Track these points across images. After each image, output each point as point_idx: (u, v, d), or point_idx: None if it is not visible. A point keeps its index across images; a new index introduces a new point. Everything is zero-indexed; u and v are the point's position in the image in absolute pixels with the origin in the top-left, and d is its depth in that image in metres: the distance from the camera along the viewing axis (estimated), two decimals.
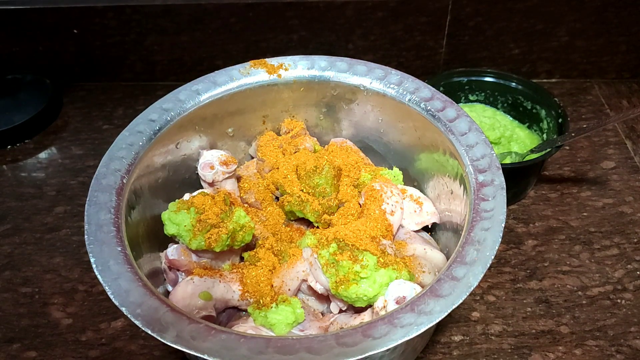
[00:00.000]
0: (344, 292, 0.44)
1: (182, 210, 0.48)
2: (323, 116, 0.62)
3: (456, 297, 0.37)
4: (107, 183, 0.46)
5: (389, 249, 0.48)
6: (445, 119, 0.52)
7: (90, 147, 0.80)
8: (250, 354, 0.35)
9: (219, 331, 0.36)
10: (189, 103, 0.55)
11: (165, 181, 0.54)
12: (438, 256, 0.51)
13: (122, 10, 0.82)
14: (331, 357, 0.34)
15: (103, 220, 0.43)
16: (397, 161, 0.60)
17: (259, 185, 0.58)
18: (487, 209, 0.43)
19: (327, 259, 0.46)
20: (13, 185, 0.75)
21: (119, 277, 0.39)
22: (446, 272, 0.39)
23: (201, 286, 0.46)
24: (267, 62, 0.59)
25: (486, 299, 0.58)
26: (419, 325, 0.36)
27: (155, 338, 0.36)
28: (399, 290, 0.42)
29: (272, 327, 0.45)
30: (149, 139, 0.51)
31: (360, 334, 0.36)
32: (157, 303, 0.38)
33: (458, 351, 0.54)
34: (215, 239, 0.47)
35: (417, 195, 0.55)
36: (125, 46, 0.87)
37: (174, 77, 0.91)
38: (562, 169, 0.72)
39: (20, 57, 0.89)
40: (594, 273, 0.60)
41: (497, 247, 0.40)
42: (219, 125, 0.58)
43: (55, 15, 0.84)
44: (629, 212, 0.66)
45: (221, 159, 0.55)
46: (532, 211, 0.67)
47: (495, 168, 0.47)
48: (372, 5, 0.81)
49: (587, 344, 0.54)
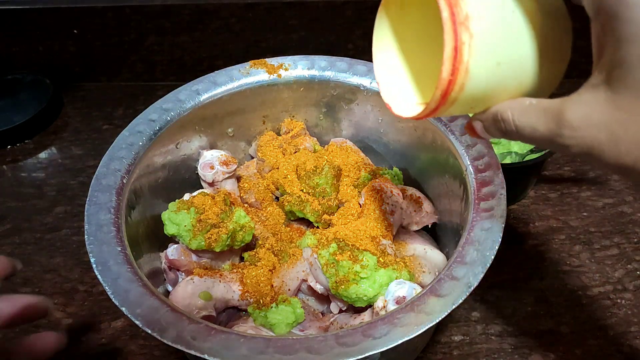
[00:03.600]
0: (344, 292, 0.44)
1: (182, 210, 0.48)
2: (323, 116, 0.62)
3: (456, 296, 0.37)
4: (107, 183, 0.46)
5: (389, 249, 0.48)
6: (445, 118, 0.52)
7: (90, 147, 0.80)
8: (251, 354, 0.35)
9: (219, 331, 0.36)
10: (189, 103, 0.55)
11: (165, 181, 0.54)
12: (438, 256, 0.51)
13: (122, 10, 0.82)
14: (331, 357, 0.34)
15: (103, 220, 0.43)
16: (397, 161, 0.60)
17: (259, 185, 0.58)
18: (487, 209, 0.43)
19: (327, 259, 0.46)
20: (13, 185, 0.75)
21: (119, 277, 0.39)
22: (446, 272, 0.39)
23: (201, 286, 0.46)
24: (267, 62, 0.59)
25: (486, 299, 0.58)
26: (419, 325, 0.36)
27: (155, 338, 0.36)
28: (399, 290, 0.42)
29: (272, 327, 0.45)
30: (149, 139, 0.51)
31: (360, 333, 0.36)
32: (157, 303, 0.38)
33: (458, 351, 0.54)
34: (216, 239, 0.47)
35: (417, 195, 0.55)
36: (125, 46, 0.87)
37: (174, 77, 0.91)
38: (562, 169, 0.72)
39: (20, 57, 0.89)
40: (594, 273, 0.60)
41: (497, 247, 0.40)
42: (219, 125, 0.59)
43: (55, 15, 0.84)
44: (629, 212, 0.66)
45: (221, 159, 0.55)
46: (532, 211, 0.67)
47: (495, 167, 0.47)
48: (372, 5, 0.81)
49: (587, 343, 0.54)
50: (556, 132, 0.27)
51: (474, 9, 0.27)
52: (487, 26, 0.28)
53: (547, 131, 0.28)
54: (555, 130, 0.27)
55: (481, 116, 0.32)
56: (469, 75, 0.28)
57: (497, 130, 0.31)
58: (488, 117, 0.31)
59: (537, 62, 0.30)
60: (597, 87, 0.26)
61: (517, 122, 0.29)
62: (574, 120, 0.26)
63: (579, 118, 0.26)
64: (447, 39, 0.27)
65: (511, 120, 0.29)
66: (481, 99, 0.30)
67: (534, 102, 0.29)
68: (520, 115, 0.29)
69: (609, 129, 0.25)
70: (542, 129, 0.28)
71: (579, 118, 0.26)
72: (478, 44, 0.27)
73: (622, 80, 0.24)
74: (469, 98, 0.29)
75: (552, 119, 0.27)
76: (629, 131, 0.24)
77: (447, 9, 0.27)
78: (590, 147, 0.26)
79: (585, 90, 0.27)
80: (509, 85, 0.30)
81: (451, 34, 0.27)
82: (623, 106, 0.24)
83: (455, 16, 0.27)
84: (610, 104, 0.25)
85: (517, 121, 0.29)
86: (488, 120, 0.31)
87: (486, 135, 0.32)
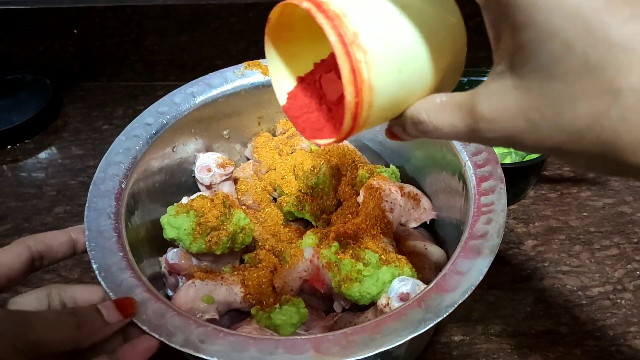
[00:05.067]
0: (347, 290, 0.44)
1: (181, 213, 0.48)
2: None
3: (462, 291, 0.38)
4: (106, 188, 0.46)
5: (390, 246, 0.49)
6: None
7: (90, 147, 0.80)
8: (261, 355, 0.35)
9: (227, 333, 0.36)
10: (185, 106, 0.55)
11: (162, 185, 0.54)
12: (438, 252, 0.51)
13: (122, 10, 0.82)
14: (341, 355, 0.34)
15: (103, 226, 0.43)
16: (393, 159, 0.60)
17: (256, 186, 0.58)
18: (487, 203, 0.44)
19: (329, 258, 0.46)
20: (13, 185, 0.75)
21: (122, 282, 0.39)
22: (450, 267, 0.40)
23: (203, 289, 0.46)
24: (261, 63, 0.59)
25: (486, 298, 0.58)
26: (427, 321, 0.36)
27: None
28: (402, 287, 0.43)
29: (277, 328, 0.45)
30: (146, 142, 0.51)
31: (369, 331, 0.36)
32: (163, 307, 0.38)
33: (458, 351, 0.54)
34: (216, 241, 0.47)
35: (414, 192, 0.55)
36: (125, 46, 0.87)
37: (174, 77, 0.91)
38: (562, 169, 0.72)
39: (20, 57, 0.89)
40: (594, 273, 0.60)
41: (500, 239, 0.40)
42: (214, 127, 0.58)
43: (55, 15, 0.84)
44: (629, 212, 0.66)
45: (218, 162, 0.55)
46: (532, 211, 0.67)
47: (494, 162, 0.47)
48: None
49: (587, 343, 0.54)
50: (474, 126, 0.26)
51: (360, 24, 0.26)
52: (378, 37, 0.27)
53: (466, 127, 0.27)
54: (473, 125, 0.26)
55: (398, 121, 0.31)
56: (373, 91, 0.27)
57: (417, 132, 0.30)
58: (405, 121, 0.30)
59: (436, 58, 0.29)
60: (502, 75, 0.25)
61: (434, 122, 0.28)
62: (488, 113, 0.25)
63: (493, 110, 0.25)
64: (341, 63, 0.26)
65: (428, 121, 0.28)
66: (392, 108, 0.29)
67: (445, 98, 0.28)
68: (436, 114, 0.28)
69: (525, 116, 0.24)
70: (460, 126, 0.27)
71: (492, 110, 0.25)
72: (374, 58, 0.26)
73: (526, 65, 0.24)
74: (380, 111, 0.28)
75: (467, 114, 0.26)
76: (545, 115, 0.24)
77: (333, 33, 0.26)
78: (511, 136, 0.25)
79: (491, 80, 0.26)
80: (416, 87, 0.29)
81: (344, 56, 0.26)
82: (533, 91, 0.24)
83: (343, 37, 0.26)
84: (520, 90, 0.24)
85: (434, 121, 0.28)
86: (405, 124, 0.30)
87: (408, 137, 0.31)
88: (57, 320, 0.34)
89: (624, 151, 0.22)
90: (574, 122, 0.23)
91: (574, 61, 0.22)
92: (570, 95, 0.22)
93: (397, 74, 0.28)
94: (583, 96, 0.22)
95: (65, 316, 0.35)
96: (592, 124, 0.22)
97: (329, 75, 0.33)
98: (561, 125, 0.23)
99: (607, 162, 0.23)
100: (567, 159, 0.26)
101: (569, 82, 0.22)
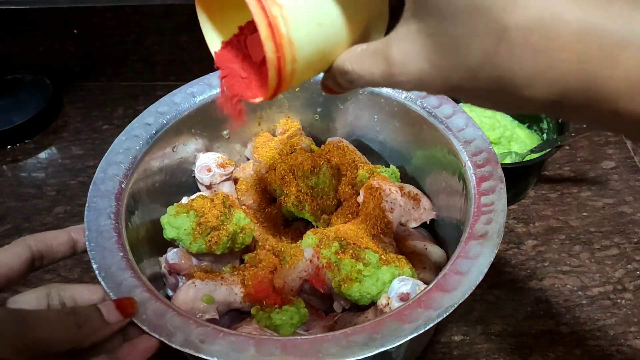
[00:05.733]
0: (347, 290, 0.44)
1: (181, 213, 0.48)
2: (318, 116, 0.62)
3: (462, 291, 0.37)
4: (106, 188, 0.46)
5: (390, 246, 0.49)
6: (442, 115, 0.52)
7: (90, 147, 0.80)
8: (260, 355, 0.35)
9: (228, 333, 0.36)
10: (185, 106, 0.55)
11: (162, 185, 0.54)
12: (438, 252, 0.51)
13: (122, 10, 0.82)
14: (341, 355, 0.34)
15: (103, 226, 0.43)
16: (393, 159, 0.60)
17: (256, 186, 0.57)
18: (487, 203, 0.44)
19: (329, 258, 0.46)
20: (13, 185, 0.75)
21: (122, 282, 0.39)
22: (451, 267, 0.40)
23: (203, 289, 0.46)
24: None
25: (486, 298, 0.58)
26: (427, 321, 0.36)
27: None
28: (402, 287, 0.43)
29: (277, 328, 0.45)
30: (146, 142, 0.51)
31: (369, 331, 0.36)
32: (163, 307, 0.38)
33: (458, 351, 0.54)
34: (216, 241, 0.47)
35: (414, 192, 0.55)
36: (125, 46, 0.87)
37: (174, 77, 0.91)
38: (562, 169, 0.72)
39: (20, 57, 0.89)
40: (594, 273, 0.60)
41: (500, 239, 0.40)
42: (214, 127, 0.58)
43: (55, 15, 0.84)
44: (629, 212, 0.66)
45: (218, 162, 0.55)
46: (532, 211, 0.67)
47: (494, 162, 0.47)
48: None
49: (587, 343, 0.54)
50: (388, 72, 0.27)
51: None
52: None
53: (382, 73, 0.28)
54: (388, 71, 0.27)
55: (329, 74, 0.32)
56: (294, 45, 0.27)
57: (346, 82, 0.31)
58: (333, 74, 0.31)
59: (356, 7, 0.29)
60: (408, 20, 0.26)
61: (357, 71, 0.29)
62: (398, 57, 0.26)
63: (402, 54, 0.26)
64: (257, 19, 0.26)
65: (352, 70, 0.29)
66: (319, 61, 0.30)
67: (364, 47, 0.29)
68: (357, 63, 0.29)
69: (429, 58, 0.25)
70: (377, 72, 0.28)
71: (402, 54, 0.26)
72: (291, 12, 0.27)
73: (424, 8, 0.25)
74: (306, 64, 0.29)
75: (382, 60, 0.27)
76: (445, 56, 0.25)
77: None
78: (420, 79, 0.26)
79: (400, 25, 0.27)
80: (339, 39, 0.29)
81: (260, 12, 0.26)
82: (432, 33, 0.25)
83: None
84: (422, 33, 0.25)
85: (357, 69, 0.29)
86: (334, 76, 0.31)
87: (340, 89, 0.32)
88: (57, 319, 0.34)
89: (517, 86, 0.23)
90: (468, 61, 0.24)
91: (462, 2, 0.23)
92: (462, 35, 0.24)
93: (316, 27, 0.28)
94: (474, 35, 0.23)
95: (65, 315, 0.34)
96: (484, 61, 0.24)
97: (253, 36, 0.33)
98: (458, 65, 0.25)
99: (505, 97, 0.25)
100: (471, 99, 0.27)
101: (460, 23, 0.23)
